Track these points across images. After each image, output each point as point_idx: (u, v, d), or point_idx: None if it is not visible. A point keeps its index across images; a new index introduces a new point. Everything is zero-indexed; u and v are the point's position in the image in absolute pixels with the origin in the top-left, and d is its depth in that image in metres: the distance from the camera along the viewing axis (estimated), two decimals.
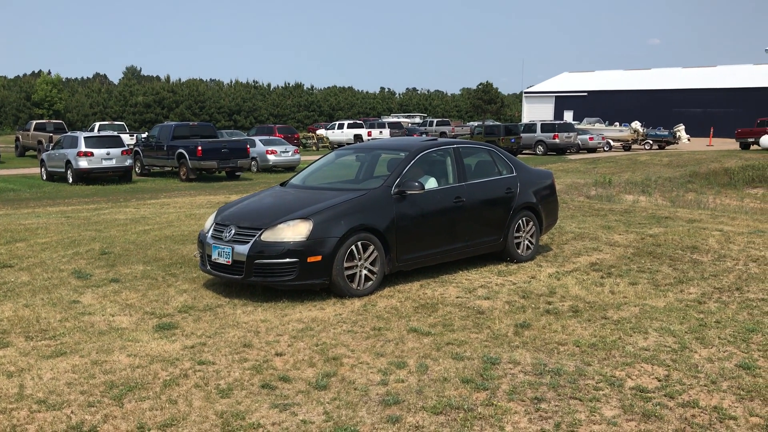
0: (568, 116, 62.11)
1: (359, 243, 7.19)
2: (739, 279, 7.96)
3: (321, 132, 47.61)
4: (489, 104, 74.72)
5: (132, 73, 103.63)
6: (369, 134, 43.46)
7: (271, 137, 31.08)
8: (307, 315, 6.60)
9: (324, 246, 6.95)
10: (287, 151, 27.84)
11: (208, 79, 79.98)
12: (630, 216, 12.91)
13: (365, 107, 76.62)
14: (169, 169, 25.25)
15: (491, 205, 8.67)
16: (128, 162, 23.13)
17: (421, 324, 6.30)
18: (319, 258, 6.92)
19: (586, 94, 65.85)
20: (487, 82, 76.15)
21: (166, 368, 5.24)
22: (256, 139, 28.80)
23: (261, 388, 4.88)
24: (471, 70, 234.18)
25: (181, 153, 23.42)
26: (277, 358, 5.48)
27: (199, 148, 22.98)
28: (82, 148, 22.15)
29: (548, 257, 9.19)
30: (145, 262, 8.99)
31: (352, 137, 44.12)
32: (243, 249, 7.04)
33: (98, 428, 4.26)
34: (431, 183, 8.20)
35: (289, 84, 74.47)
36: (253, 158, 26.97)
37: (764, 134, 35.69)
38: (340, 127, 46.05)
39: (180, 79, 69.58)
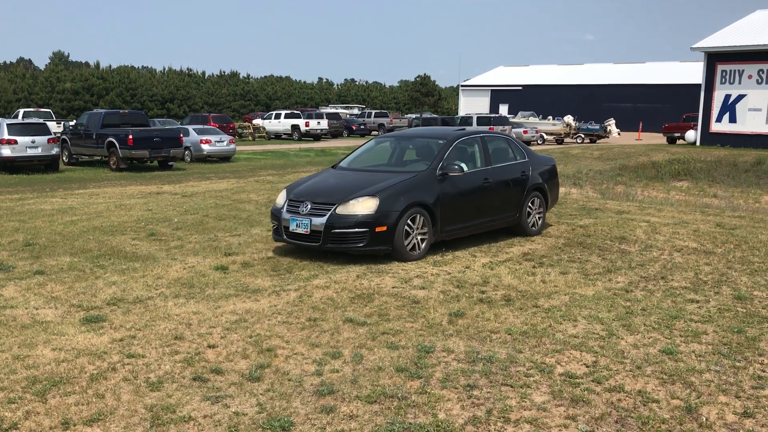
0: (503, 109, 63.01)
1: (414, 216, 8.45)
2: (664, 268, 8.26)
3: (257, 122, 46.96)
4: (426, 97, 75.25)
5: (59, 59, 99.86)
6: (307, 124, 43.10)
7: (206, 126, 30.40)
8: (241, 307, 6.51)
9: (388, 218, 8.25)
10: (222, 141, 27.32)
11: (140, 66, 77.61)
12: (561, 207, 13.22)
13: (303, 97, 75.82)
14: (99, 158, 24.45)
15: (510, 185, 10.00)
16: (55, 150, 22.24)
17: (357, 314, 6.30)
18: (384, 228, 8.21)
19: (521, 88, 66.96)
20: (424, 74, 76.65)
21: (93, 362, 5.09)
22: (190, 128, 28.12)
23: (192, 380, 4.79)
24: (409, 62, 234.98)
25: (111, 142, 22.68)
26: (209, 350, 5.39)
27: (130, 136, 22.30)
28: (5, 135, 21.19)
29: (482, 248, 9.32)
30: (72, 254, 8.70)
31: (289, 127, 43.67)
32: (320, 221, 8.30)
33: (19, 425, 4.10)
34: (465, 167, 9.30)
35: (224, 72, 72.85)
36: (187, 148, 26.35)
37: (690, 129, 37.04)
38: (277, 116, 45.46)
39: (110, 66, 67.28)
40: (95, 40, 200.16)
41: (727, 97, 33.53)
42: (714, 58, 33.79)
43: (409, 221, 8.41)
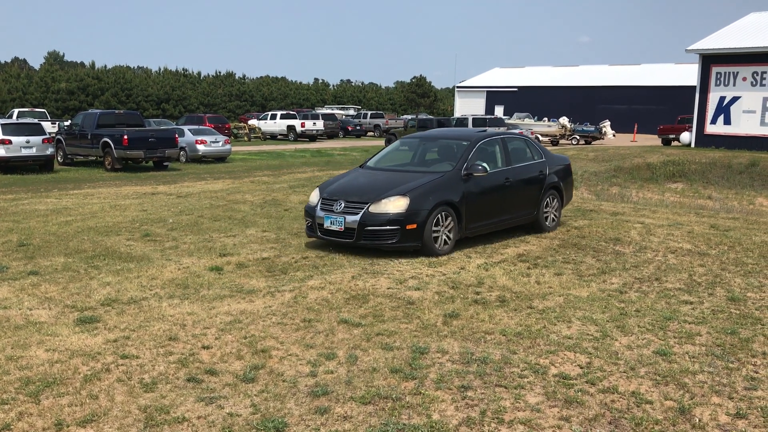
0: (499, 111, 63.04)
1: (441, 214, 8.83)
2: (659, 269, 8.28)
3: (253, 122, 46.90)
4: (422, 98, 75.18)
5: (54, 59, 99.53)
6: (302, 125, 43.06)
7: (201, 127, 30.34)
8: (235, 307, 6.50)
9: (418, 216, 8.64)
10: (217, 141, 27.27)
11: (136, 66, 77.47)
12: None
13: (299, 98, 75.72)
14: (94, 158, 24.39)
15: (529, 184, 10.41)
16: (49, 151, 22.18)
17: (352, 315, 6.30)
18: (414, 226, 8.62)
19: (516, 89, 67.00)
20: (420, 75, 76.57)
21: (87, 363, 5.07)
22: (185, 128, 28.06)
23: (186, 381, 4.78)
24: (405, 63, 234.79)
25: (106, 142, 22.63)
26: (203, 351, 5.38)
27: (125, 137, 22.25)
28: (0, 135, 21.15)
29: (477, 249, 9.33)
30: (66, 254, 8.68)
31: (285, 128, 43.64)
32: (354, 218, 8.71)
33: (12, 426, 4.09)
34: (487, 167, 9.62)
35: (220, 73, 72.67)
36: (182, 148, 26.28)
37: (684, 131, 37.11)
38: (273, 117, 45.43)
39: (105, 66, 67.08)
40: (90, 40, 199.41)
41: (722, 99, 33.60)
42: (709, 60, 33.87)
43: (437, 219, 8.79)
